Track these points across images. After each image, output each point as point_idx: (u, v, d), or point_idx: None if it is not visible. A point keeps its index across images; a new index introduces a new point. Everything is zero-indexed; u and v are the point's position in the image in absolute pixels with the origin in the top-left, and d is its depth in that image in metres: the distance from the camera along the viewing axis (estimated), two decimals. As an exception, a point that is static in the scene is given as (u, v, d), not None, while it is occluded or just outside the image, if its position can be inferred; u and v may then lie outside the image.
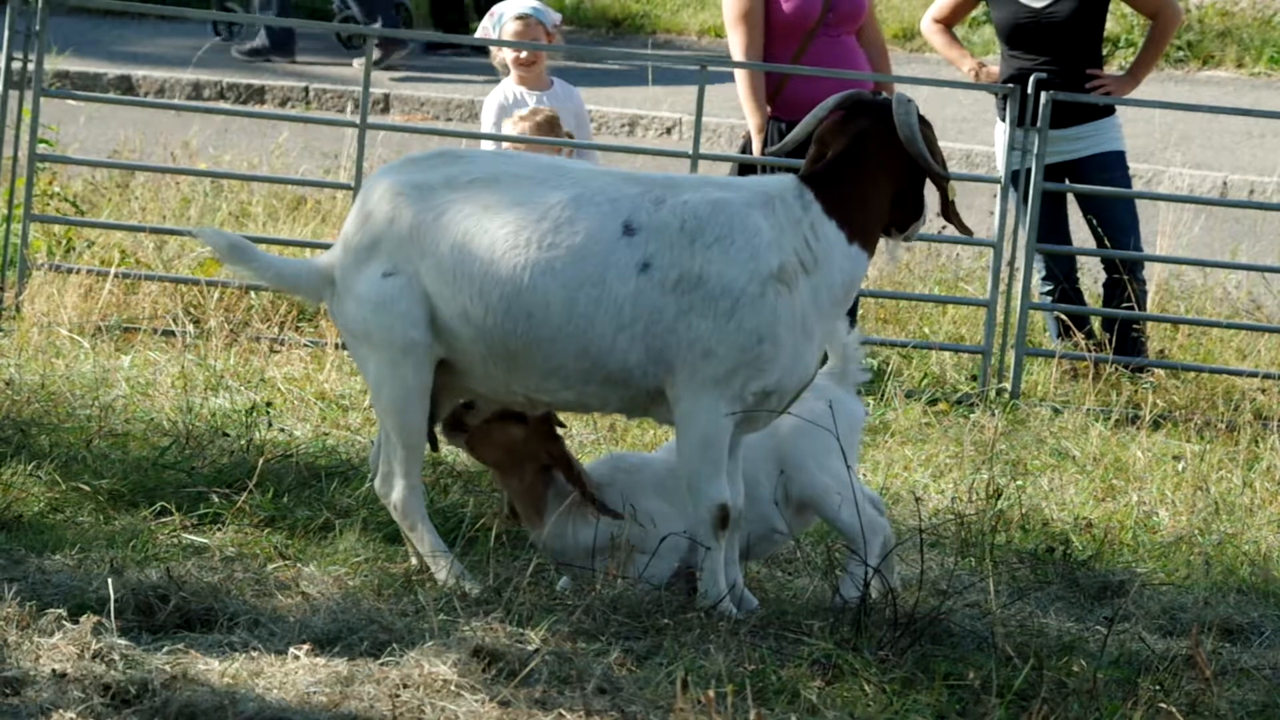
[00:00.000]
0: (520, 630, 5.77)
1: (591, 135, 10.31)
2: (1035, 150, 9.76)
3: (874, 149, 6.33)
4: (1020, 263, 9.87)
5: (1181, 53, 19.20)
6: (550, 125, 9.80)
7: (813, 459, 6.49)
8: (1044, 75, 9.78)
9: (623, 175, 6.40)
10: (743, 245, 6.17)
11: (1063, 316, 10.05)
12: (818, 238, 6.23)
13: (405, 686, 5.44)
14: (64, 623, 5.66)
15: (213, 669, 5.51)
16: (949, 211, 6.47)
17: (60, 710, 5.18)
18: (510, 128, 9.89)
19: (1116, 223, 9.99)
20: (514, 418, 6.43)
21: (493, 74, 10.50)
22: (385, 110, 17.42)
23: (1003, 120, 9.95)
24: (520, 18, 9.99)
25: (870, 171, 6.33)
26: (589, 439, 8.18)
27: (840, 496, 6.44)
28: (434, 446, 6.55)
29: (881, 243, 6.46)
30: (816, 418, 6.39)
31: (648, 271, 6.16)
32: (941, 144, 6.53)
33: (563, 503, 6.36)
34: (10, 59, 9.82)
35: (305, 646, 5.64)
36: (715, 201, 6.23)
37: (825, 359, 6.64)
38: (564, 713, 5.35)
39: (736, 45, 9.83)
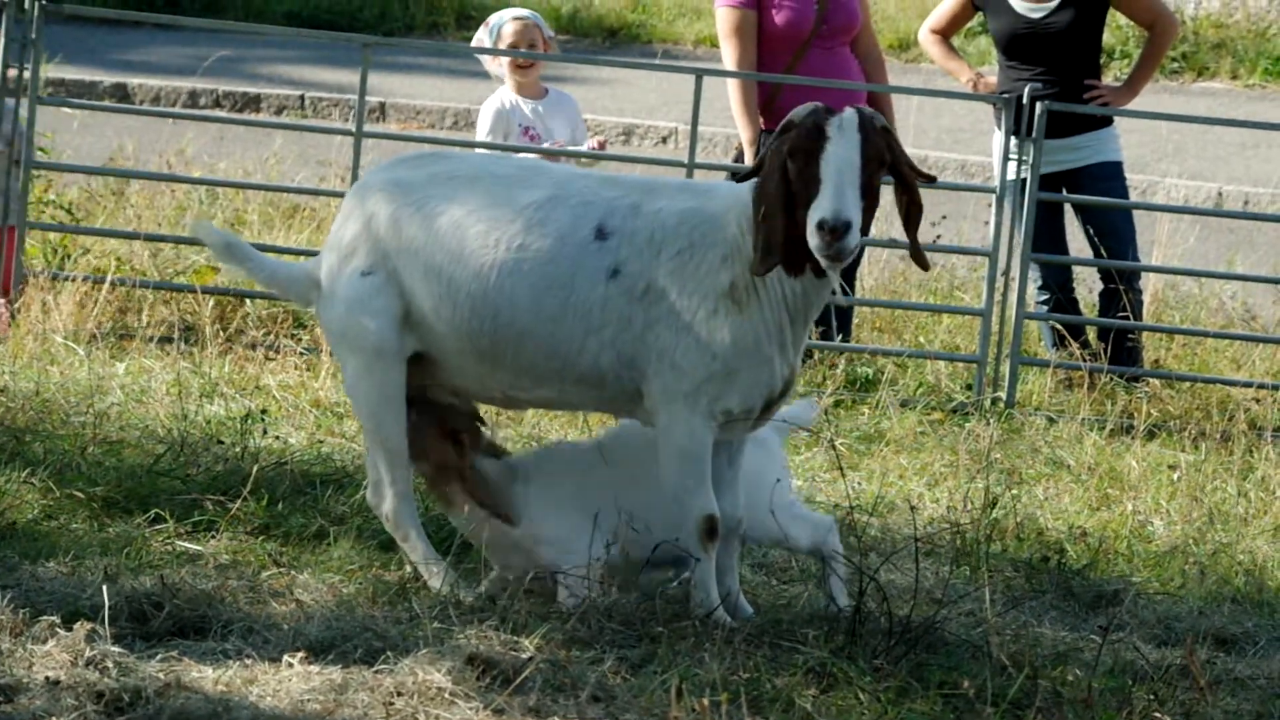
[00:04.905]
0: (515, 638, 5.76)
1: (588, 144, 10.30)
2: (1031, 160, 9.76)
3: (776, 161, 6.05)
4: (1015, 272, 9.87)
5: (1177, 64, 19.24)
6: None
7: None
8: (1041, 86, 9.79)
9: (603, 178, 6.32)
10: (700, 260, 6.06)
11: (1058, 326, 10.05)
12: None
13: (399, 694, 5.43)
14: (57, 630, 5.64)
15: (206, 676, 5.50)
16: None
17: (54, 718, 5.16)
18: None
19: (1114, 233, 9.99)
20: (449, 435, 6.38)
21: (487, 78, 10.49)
22: (381, 118, 17.44)
23: (1000, 130, 9.95)
24: (518, 18, 10.02)
25: (769, 183, 6.01)
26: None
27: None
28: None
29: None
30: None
31: (617, 278, 6.08)
32: (938, 154, 6.40)
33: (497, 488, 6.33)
34: (6, 66, 9.81)
35: (299, 654, 5.62)
36: (683, 212, 6.11)
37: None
38: (558, 721, 5.35)
39: (730, 58, 9.82)
